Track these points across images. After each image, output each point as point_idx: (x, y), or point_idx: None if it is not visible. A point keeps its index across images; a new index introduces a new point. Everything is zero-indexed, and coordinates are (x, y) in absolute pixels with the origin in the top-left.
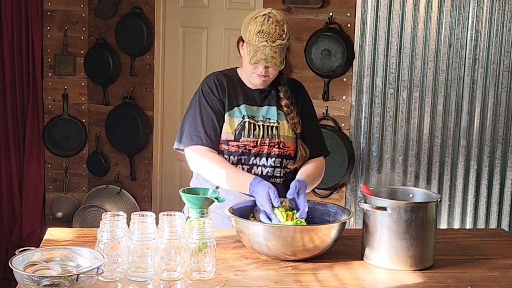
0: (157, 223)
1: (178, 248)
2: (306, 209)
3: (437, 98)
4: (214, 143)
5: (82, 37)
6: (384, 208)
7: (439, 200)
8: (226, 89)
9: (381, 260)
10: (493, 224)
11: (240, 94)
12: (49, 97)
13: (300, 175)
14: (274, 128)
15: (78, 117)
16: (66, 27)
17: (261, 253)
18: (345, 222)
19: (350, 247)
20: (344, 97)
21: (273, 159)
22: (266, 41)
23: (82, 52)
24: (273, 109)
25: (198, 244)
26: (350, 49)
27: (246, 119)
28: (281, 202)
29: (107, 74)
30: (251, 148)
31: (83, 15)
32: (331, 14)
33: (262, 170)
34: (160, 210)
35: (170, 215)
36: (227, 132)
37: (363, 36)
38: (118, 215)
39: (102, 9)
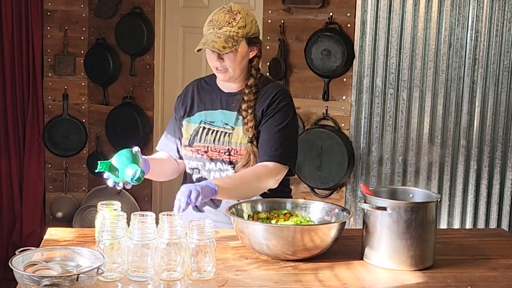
0: (157, 223)
1: (178, 248)
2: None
3: (437, 98)
4: (171, 149)
5: (82, 37)
6: (384, 208)
7: (439, 200)
8: (190, 97)
9: (381, 260)
10: (493, 224)
11: (208, 100)
12: (49, 97)
13: (217, 179)
14: (227, 134)
15: (78, 117)
16: (66, 27)
17: (261, 253)
18: (345, 222)
19: (350, 247)
20: (344, 97)
21: (226, 165)
22: (213, 28)
23: (82, 52)
24: (233, 114)
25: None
26: (350, 49)
27: (202, 124)
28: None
29: (107, 74)
30: (203, 153)
31: (83, 15)
32: (331, 14)
33: (220, 175)
34: (160, 210)
35: (170, 215)
36: (184, 138)
37: (363, 36)
38: (118, 215)
39: (102, 9)
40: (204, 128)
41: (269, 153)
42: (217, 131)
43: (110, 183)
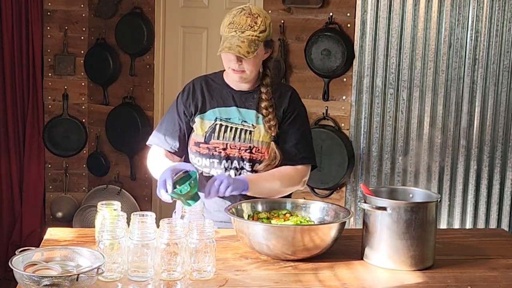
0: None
1: (178, 248)
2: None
3: (437, 98)
4: (170, 145)
5: (82, 37)
6: (384, 208)
7: (439, 200)
8: (199, 93)
9: (381, 260)
10: (493, 224)
11: (219, 97)
12: (49, 97)
13: (248, 175)
14: (248, 132)
15: (78, 117)
16: (66, 27)
17: (261, 253)
18: (345, 222)
19: (350, 247)
20: (344, 97)
21: (245, 162)
22: (235, 31)
23: (82, 52)
24: (252, 112)
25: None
26: (350, 49)
27: (218, 122)
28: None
29: (107, 74)
30: (221, 150)
31: (83, 15)
32: (331, 14)
33: (235, 173)
34: (160, 210)
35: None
36: (198, 135)
37: (363, 36)
38: (118, 215)
39: (102, 9)
40: (221, 125)
41: (298, 156)
42: (236, 128)
43: (166, 198)
